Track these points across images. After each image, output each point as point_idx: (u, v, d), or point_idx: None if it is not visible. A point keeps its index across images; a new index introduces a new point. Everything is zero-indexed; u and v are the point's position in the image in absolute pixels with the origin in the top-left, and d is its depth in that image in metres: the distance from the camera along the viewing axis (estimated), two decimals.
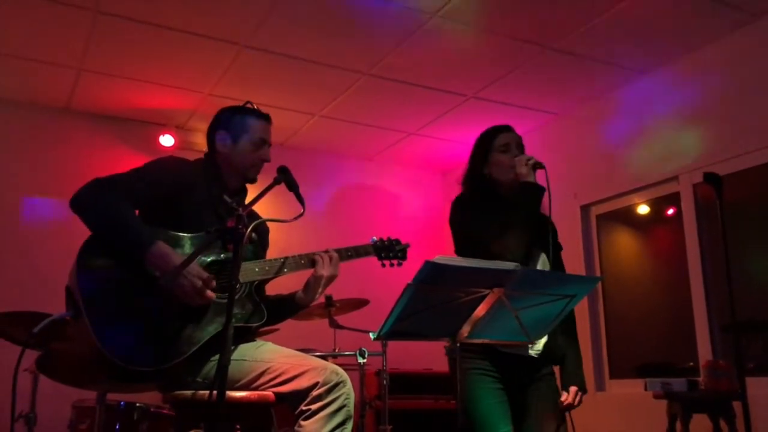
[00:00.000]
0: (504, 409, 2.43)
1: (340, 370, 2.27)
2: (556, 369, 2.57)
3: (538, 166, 2.47)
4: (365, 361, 3.52)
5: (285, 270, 2.41)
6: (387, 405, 3.69)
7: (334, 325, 3.95)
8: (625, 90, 4.59)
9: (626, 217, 4.82)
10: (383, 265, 2.72)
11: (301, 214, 2.34)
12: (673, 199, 4.30)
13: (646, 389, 3.36)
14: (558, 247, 2.63)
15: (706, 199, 4.08)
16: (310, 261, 2.44)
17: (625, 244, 5.03)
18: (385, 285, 3.51)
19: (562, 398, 2.47)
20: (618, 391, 4.51)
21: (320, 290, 2.45)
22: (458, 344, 2.22)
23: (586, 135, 4.90)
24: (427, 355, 5.14)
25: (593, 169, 4.78)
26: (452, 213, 2.62)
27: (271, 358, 2.27)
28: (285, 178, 2.35)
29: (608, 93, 4.71)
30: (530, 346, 2.47)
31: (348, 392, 2.24)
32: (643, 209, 4.70)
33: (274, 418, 2.36)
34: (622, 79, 4.54)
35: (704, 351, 3.92)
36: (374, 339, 2.10)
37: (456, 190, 2.65)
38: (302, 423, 2.18)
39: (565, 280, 2.03)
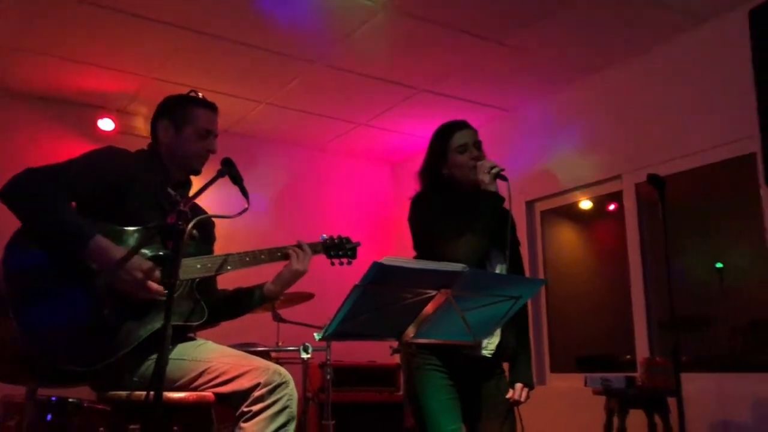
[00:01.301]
0: (454, 405, 2.44)
1: (282, 370, 2.23)
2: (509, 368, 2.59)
3: (500, 176, 2.49)
4: (309, 356, 3.47)
5: (228, 267, 2.35)
6: (330, 399, 3.66)
7: (278, 318, 3.88)
8: (574, 89, 4.64)
9: (570, 213, 4.89)
10: (333, 264, 2.69)
11: (246, 210, 2.28)
12: (616, 198, 4.38)
13: (586, 385, 3.42)
14: (516, 243, 2.64)
15: (647, 198, 4.17)
16: (265, 256, 2.41)
17: (568, 239, 5.12)
18: (331, 278, 3.48)
19: (509, 395, 2.49)
20: (558, 385, 4.59)
21: (291, 285, 2.45)
22: (409, 343, 2.21)
23: (534, 132, 4.94)
24: (371, 348, 5.14)
25: (539, 165, 4.83)
26: (411, 212, 2.61)
27: (212, 358, 2.21)
28: (229, 170, 2.28)
29: (557, 92, 4.75)
30: (484, 346, 2.48)
31: (291, 393, 2.20)
32: (586, 205, 4.78)
33: (214, 419, 2.30)
34: (572, 78, 4.59)
35: (642, 346, 4.02)
36: (319, 339, 2.06)
37: (406, 183, 2.62)
38: (243, 425, 2.13)
39: (511, 282, 2.03)
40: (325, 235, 2.68)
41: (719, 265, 4.19)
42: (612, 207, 4.62)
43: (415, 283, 1.95)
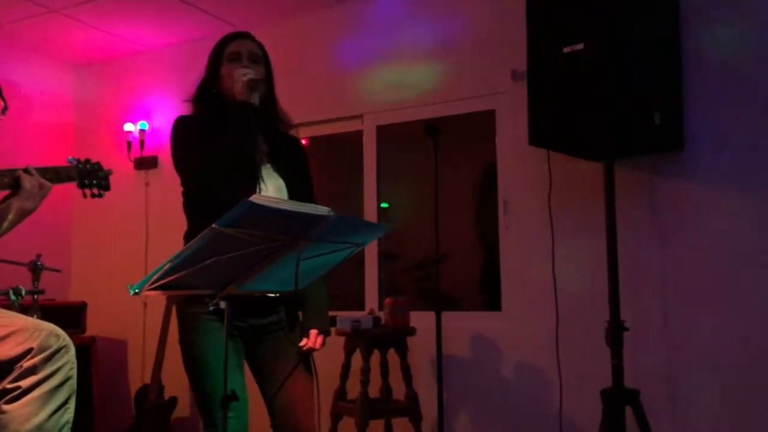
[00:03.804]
0: (239, 359, 2.18)
1: (60, 331, 1.69)
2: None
3: (253, 83, 2.13)
4: (21, 299, 2.75)
5: None
6: None
7: None
8: (319, 18, 4.36)
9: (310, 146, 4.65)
10: (85, 195, 2.12)
11: (6, 109, 1.68)
12: (357, 136, 4.30)
13: (335, 325, 3.35)
14: (306, 177, 2.37)
15: (382, 141, 4.22)
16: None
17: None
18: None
19: (302, 343, 2.24)
20: None
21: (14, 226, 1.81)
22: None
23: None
24: (48, 284, 4.36)
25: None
26: (171, 140, 2.21)
27: None
28: None
29: (303, 16, 4.41)
30: None
31: (72, 360, 1.69)
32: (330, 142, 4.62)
33: None
34: (321, 4, 4.30)
35: (371, 285, 4.11)
36: (134, 294, 1.58)
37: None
38: (6, 408, 1.56)
39: (366, 229, 1.82)
40: (72, 158, 2.10)
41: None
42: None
43: (276, 227, 1.61)
